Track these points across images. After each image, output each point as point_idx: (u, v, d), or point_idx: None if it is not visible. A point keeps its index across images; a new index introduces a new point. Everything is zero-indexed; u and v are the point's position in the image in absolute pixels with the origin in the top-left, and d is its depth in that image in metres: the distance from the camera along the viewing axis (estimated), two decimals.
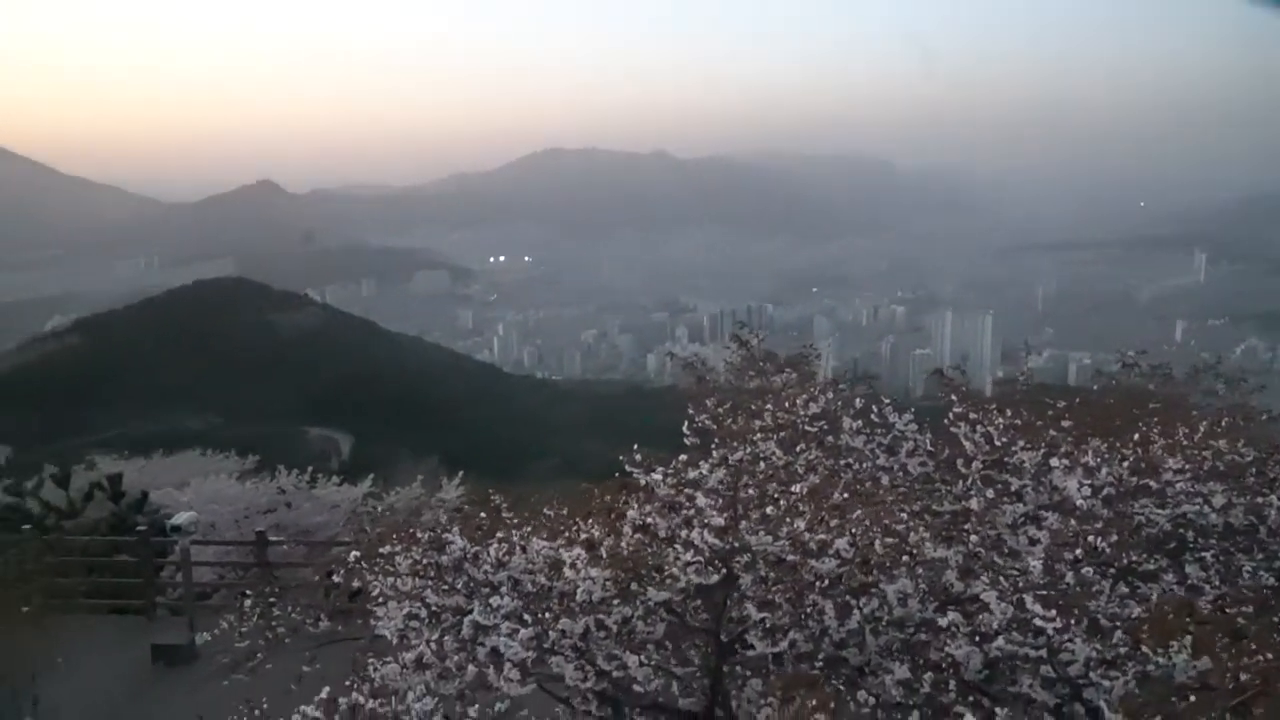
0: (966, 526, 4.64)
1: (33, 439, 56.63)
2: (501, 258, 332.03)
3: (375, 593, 4.65)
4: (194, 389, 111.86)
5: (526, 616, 4.09)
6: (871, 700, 4.35)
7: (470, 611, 4.19)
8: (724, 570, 4.03)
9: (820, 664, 4.48)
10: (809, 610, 4.23)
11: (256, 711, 4.34)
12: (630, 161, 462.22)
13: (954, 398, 5.28)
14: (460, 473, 19.25)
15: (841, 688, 4.39)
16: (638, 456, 4.72)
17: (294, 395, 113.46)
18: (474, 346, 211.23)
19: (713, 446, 4.87)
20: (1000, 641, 4.05)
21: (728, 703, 4.43)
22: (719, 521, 3.94)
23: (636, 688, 4.13)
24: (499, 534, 4.57)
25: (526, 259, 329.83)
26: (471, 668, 4.12)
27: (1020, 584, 4.12)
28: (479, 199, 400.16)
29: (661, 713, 4.43)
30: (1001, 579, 4.08)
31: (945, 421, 5.57)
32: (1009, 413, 5.12)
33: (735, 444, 4.61)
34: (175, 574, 16.74)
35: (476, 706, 4.09)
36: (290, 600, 5.92)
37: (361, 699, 4.07)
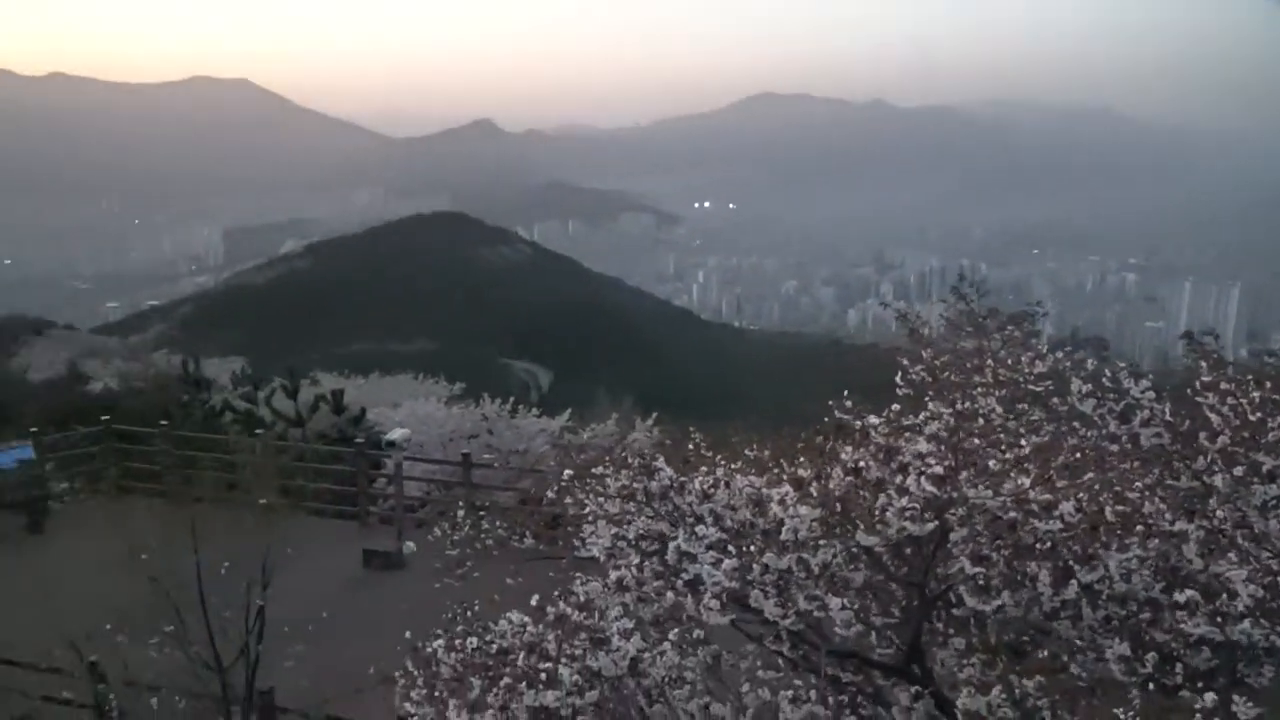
0: (1211, 502, 4.28)
1: (266, 352, 62.13)
2: (707, 203, 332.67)
3: (586, 511, 4.85)
4: (409, 315, 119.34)
5: (731, 548, 4.15)
6: (1083, 675, 4.14)
7: (675, 539, 4.29)
8: (937, 521, 3.92)
9: (1029, 633, 4.30)
10: (1024, 573, 4.05)
11: (468, 612, 4.65)
12: (844, 110, 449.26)
13: (1203, 364, 4.84)
14: (654, 414, 19.61)
15: (1057, 657, 4.20)
16: (848, 403, 4.65)
17: (499, 328, 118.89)
18: (673, 292, 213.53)
19: (927, 399, 4.71)
20: (1245, 625, 3.74)
21: (924, 659, 4.34)
22: (938, 470, 3.82)
23: (838, 630, 4.12)
24: (703, 468, 4.65)
25: (731, 206, 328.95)
26: (670, 595, 4.23)
27: (1275, 566, 3.77)
28: (688, 143, 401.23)
29: (856, 661, 4.40)
30: (1252, 559, 3.75)
31: (1188, 393, 5.14)
32: (1267, 385, 4.65)
33: (955, 396, 4.44)
34: (386, 486, 18.10)
35: (676, 632, 4.21)
36: (495, 519, 6.28)
37: (569, 610, 4.27)
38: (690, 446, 5.52)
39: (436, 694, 4.15)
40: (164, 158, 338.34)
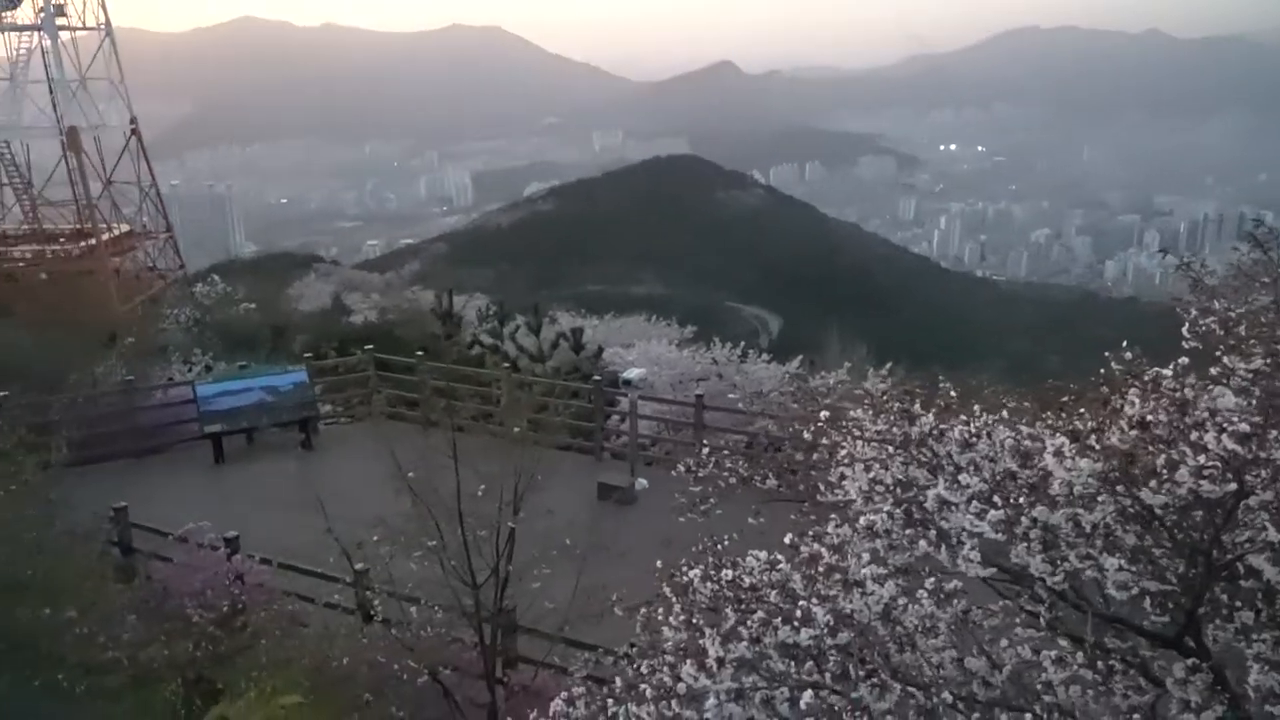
0: None
1: (508, 290, 65.45)
2: (953, 146, 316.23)
3: (839, 455, 4.81)
4: (644, 258, 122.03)
5: (996, 499, 3.99)
6: None
7: (933, 487, 4.18)
8: (1236, 483, 3.58)
9: None
10: None
11: (719, 546, 4.76)
12: (1115, 42, 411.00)
13: None
14: (888, 364, 19.08)
15: None
16: (1127, 355, 4.31)
17: (731, 271, 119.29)
18: (912, 238, 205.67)
19: (1218, 353, 4.28)
20: None
21: (1201, 632, 4.01)
22: (1243, 427, 3.47)
23: (1111, 591, 3.88)
24: (962, 417, 4.48)
25: (980, 149, 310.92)
26: (923, 544, 4.13)
27: None
28: (936, 83, 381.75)
29: (1123, 628, 4.14)
30: None
31: None
32: None
33: (1256, 347, 4.00)
34: (620, 423, 18.73)
35: (931, 581, 4.11)
36: (738, 458, 6.39)
37: (822, 551, 4.28)
38: (942, 395, 5.32)
39: (694, 620, 4.28)
40: (421, 103, 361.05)
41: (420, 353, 21.19)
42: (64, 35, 43.61)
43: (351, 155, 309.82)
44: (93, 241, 41.63)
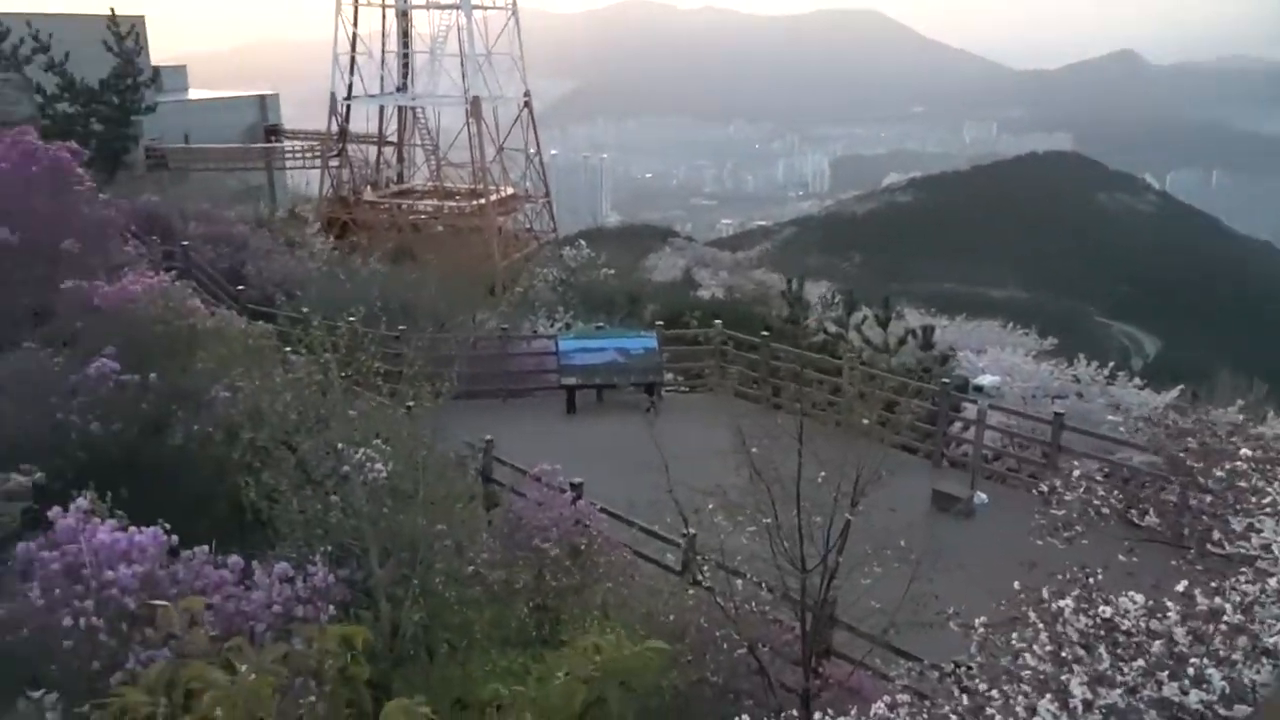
0: None
1: (855, 280, 64.50)
2: None
3: (1264, 501, 4.24)
4: (1006, 260, 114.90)
5: None
6: None
7: None
8: None
9: None
10: None
11: (1091, 578, 4.39)
12: None
13: None
14: None
15: None
16: None
17: (1104, 283, 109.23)
18: None
19: None
20: None
21: None
22: None
23: None
24: None
25: None
26: None
27: None
28: None
29: None
30: None
31: None
32: None
33: None
34: (963, 430, 17.85)
35: None
36: (1113, 487, 5.83)
37: (1226, 606, 3.79)
38: None
39: (1062, 654, 3.99)
40: (788, 86, 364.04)
41: (765, 333, 21.49)
42: (477, 14, 48.70)
43: (715, 135, 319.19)
44: (483, 201, 46.31)
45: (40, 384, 9.44)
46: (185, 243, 22.99)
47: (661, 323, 23.01)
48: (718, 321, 22.44)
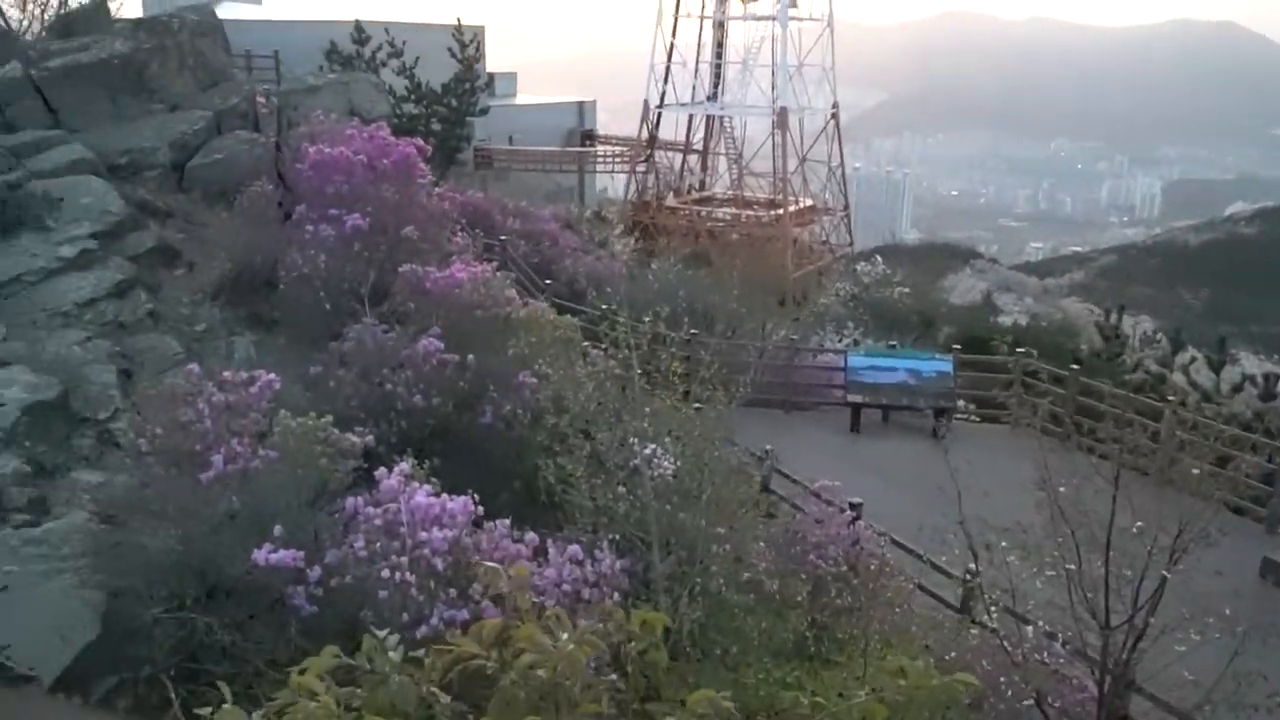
0: None
1: (1185, 318, 58.57)
2: None
3: None
4: None
5: None
6: None
7: None
8: None
9: None
10: None
11: None
12: None
13: None
14: None
15: None
16: None
17: None
18: None
19: None
20: None
21: None
22: None
23: None
24: None
25: None
26: None
27: None
28: None
29: None
30: None
31: None
32: None
33: None
34: None
35: None
36: None
37: None
38: None
39: None
40: (1123, 103, 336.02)
41: (1075, 366, 19.97)
42: (792, 26, 48.92)
43: (1032, 153, 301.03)
44: (781, 212, 46.47)
45: (374, 356, 10.49)
46: (503, 237, 24.81)
47: (959, 347, 21.96)
48: (1020, 349, 21.10)
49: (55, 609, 6.95)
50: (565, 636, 2.26)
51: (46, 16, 29.98)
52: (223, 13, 21.27)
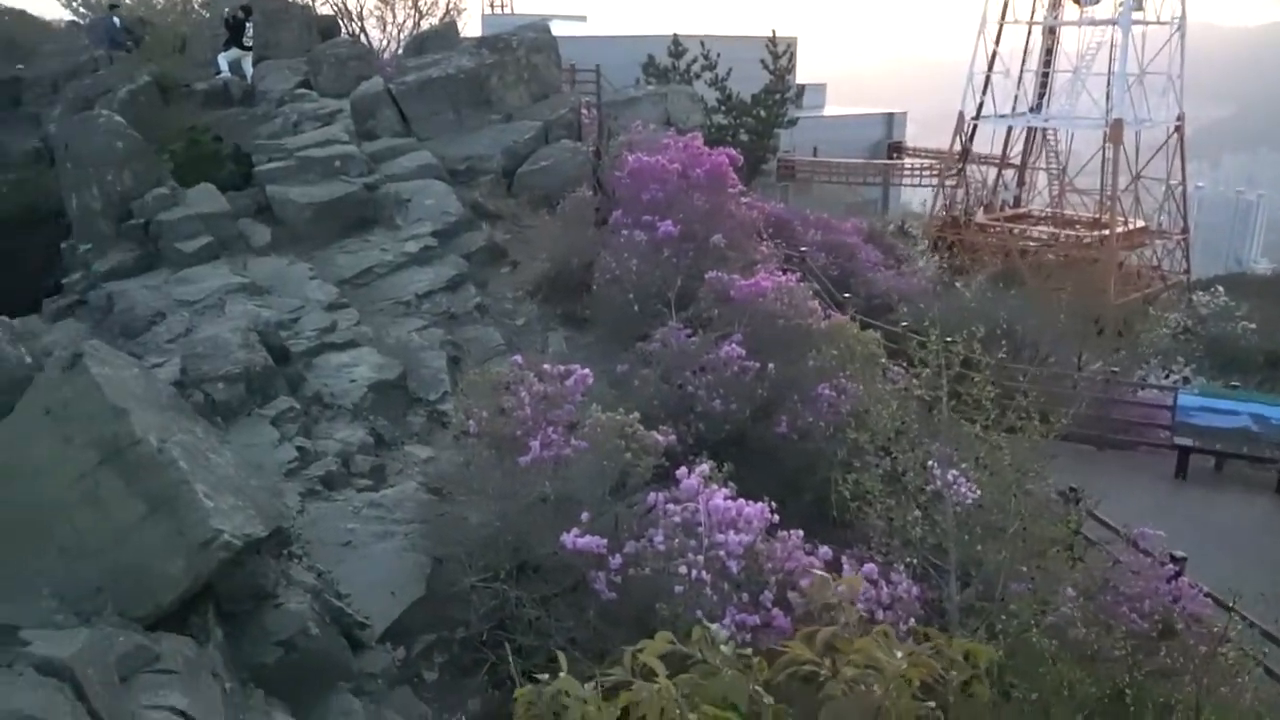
0: None
1: None
2: None
3: None
4: None
5: None
6: None
7: None
8: None
9: None
10: None
11: None
12: None
13: None
14: None
15: None
16: None
17: None
18: None
19: None
20: None
21: None
22: None
23: None
24: None
25: None
26: None
27: None
28: None
29: None
30: None
31: None
32: None
33: None
34: None
35: None
36: None
37: None
38: None
39: None
40: None
41: None
42: (1136, 30, 45.02)
43: None
44: (1106, 233, 42.99)
45: (677, 359, 10.86)
46: (803, 248, 24.80)
47: None
48: None
49: (388, 567, 7.79)
50: (900, 655, 2.25)
51: (403, 36, 33.73)
52: (553, 30, 22.83)
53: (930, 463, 7.74)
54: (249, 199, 15.32)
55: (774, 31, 40.55)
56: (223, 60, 22.64)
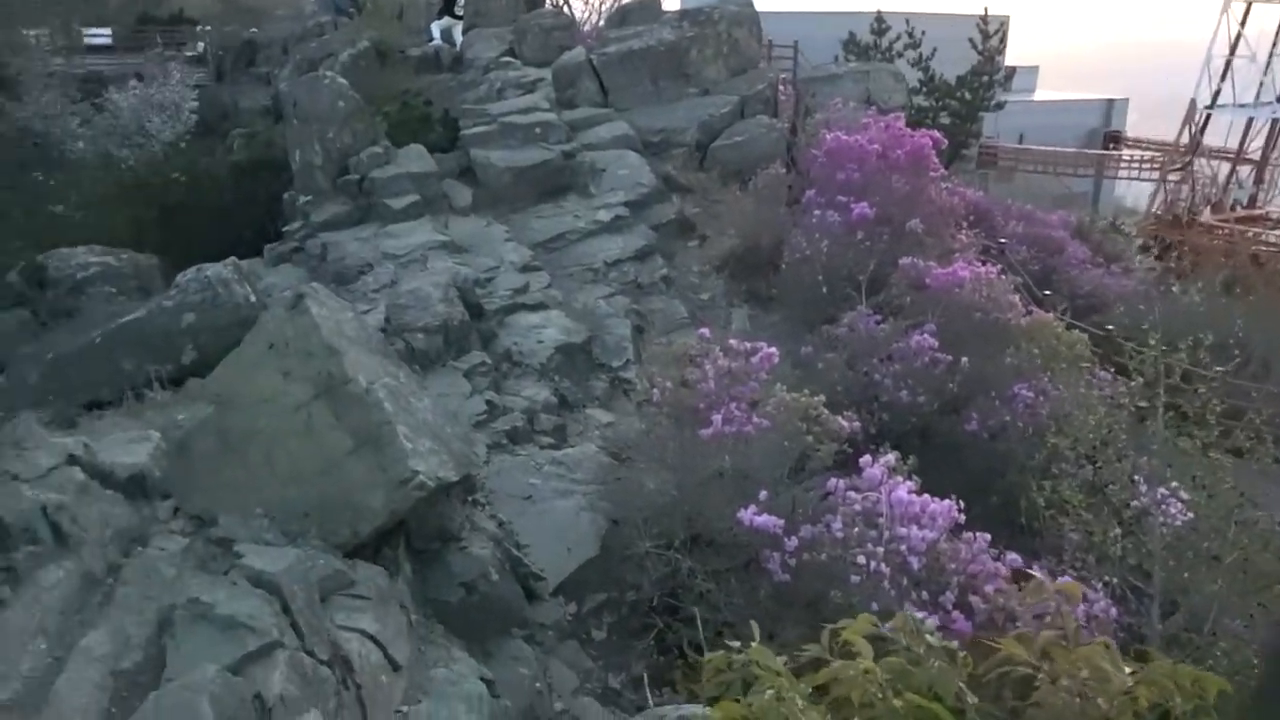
0: None
1: None
2: None
3: None
4: None
5: None
6: None
7: None
8: None
9: None
10: None
11: None
12: None
13: None
14: None
15: None
16: None
17: None
18: None
19: None
20: None
21: None
22: None
23: None
24: None
25: None
26: None
27: None
28: None
29: None
30: None
31: None
32: None
33: None
34: None
35: None
36: None
37: None
38: None
39: None
40: None
41: None
42: None
43: None
44: None
45: (864, 345, 10.63)
46: (1003, 240, 23.65)
47: None
48: None
49: (565, 524, 8.02)
50: (1129, 671, 2.13)
51: (605, 8, 34.21)
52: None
53: (1137, 477, 7.28)
54: (454, 161, 15.97)
55: (985, 9, 38.73)
56: (435, 28, 23.63)
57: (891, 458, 7.09)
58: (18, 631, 5.36)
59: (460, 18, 23.62)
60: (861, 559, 6.21)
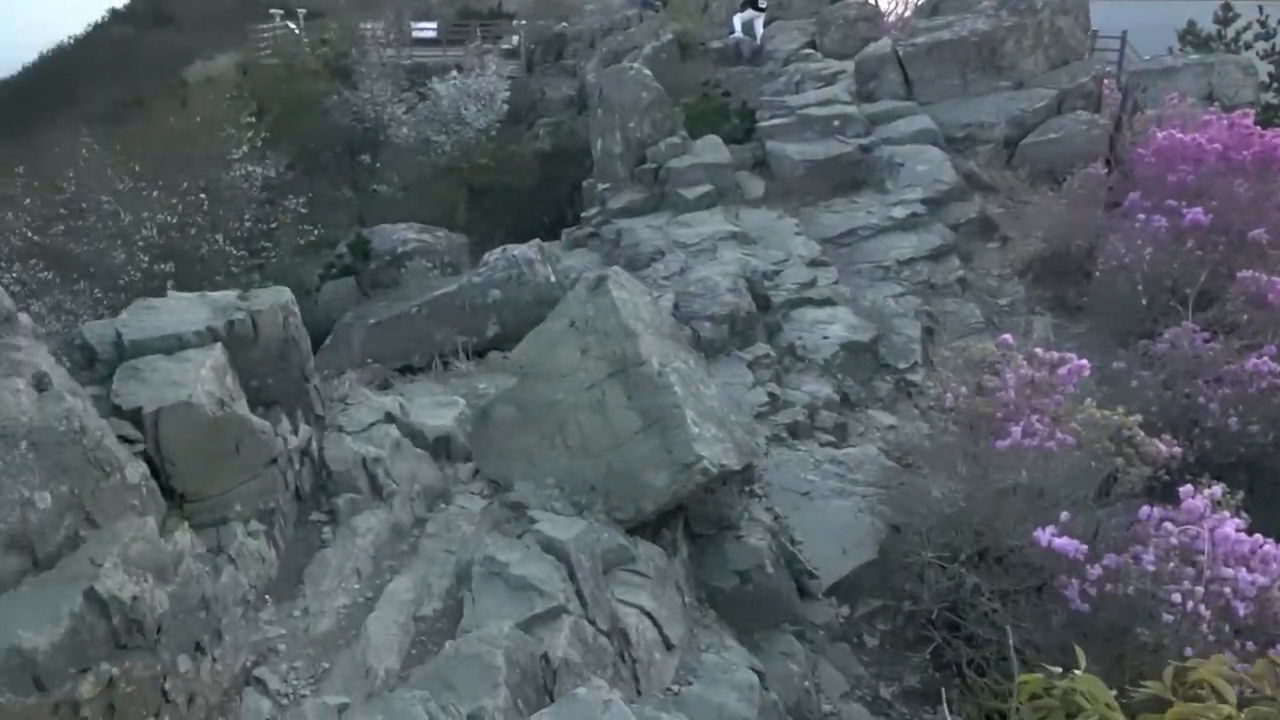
0: None
1: None
2: None
3: None
4: None
5: None
6: None
7: None
8: None
9: None
10: None
11: None
12: None
13: None
14: None
15: None
16: None
17: None
18: None
19: None
20: None
21: None
22: None
23: None
24: None
25: None
26: None
27: None
28: None
29: None
30: None
31: None
32: None
33: None
34: None
35: None
36: None
37: None
38: None
39: None
40: None
41: None
42: None
43: None
44: None
45: (1187, 364, 9.64)
46: None
47: None
48: None
49: (841, 524, 7.88)
50: None
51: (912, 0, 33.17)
52: None
53: None
54: (748, 152, 16.11)
55: None
56: (737, 20, 23.90)
57: (1217, 490, 6.40)
58: (335, 570, 5.99)
59: (763, 10, 23.76)
60: (1177, 597, 5.65)
